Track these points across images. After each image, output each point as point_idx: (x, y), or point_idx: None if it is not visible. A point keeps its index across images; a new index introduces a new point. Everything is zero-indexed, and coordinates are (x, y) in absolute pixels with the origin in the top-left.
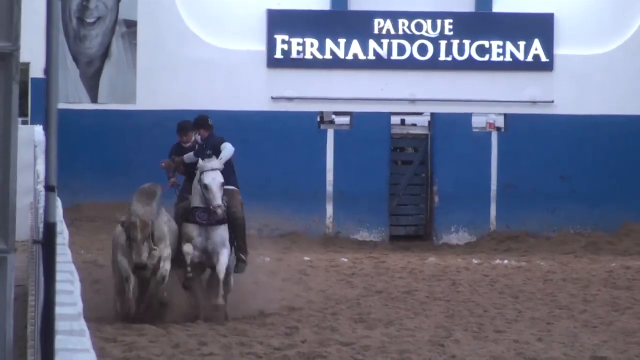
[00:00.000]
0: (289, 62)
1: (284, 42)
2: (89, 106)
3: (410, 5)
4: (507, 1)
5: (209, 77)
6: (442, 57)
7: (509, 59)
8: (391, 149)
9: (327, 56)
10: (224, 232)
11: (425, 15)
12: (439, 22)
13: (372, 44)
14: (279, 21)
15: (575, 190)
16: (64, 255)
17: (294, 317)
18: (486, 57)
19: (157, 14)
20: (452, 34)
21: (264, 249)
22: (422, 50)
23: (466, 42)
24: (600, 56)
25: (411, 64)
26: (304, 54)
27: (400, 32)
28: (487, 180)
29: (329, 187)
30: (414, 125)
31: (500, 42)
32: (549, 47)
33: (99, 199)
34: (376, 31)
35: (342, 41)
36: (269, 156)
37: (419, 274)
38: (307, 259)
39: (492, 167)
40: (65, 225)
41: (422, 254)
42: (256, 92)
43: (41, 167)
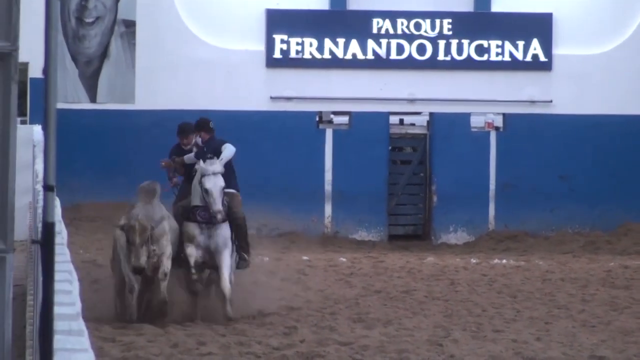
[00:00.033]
0: (287, 62)
1: (282, 42)
2: (88, 106)
3: (409, 5)
4: (506, 1)
5: (208, 77)
6: (440, 56)
7: (507, 58)
8: (390, 148)
9: (326, 56)
10: (226, 231)
11: (424, 15)
12: (438, 21)
13: (370, 44)
14: (278, 21)
15: (574, 190)
16: (63, 255)
17: (292, 316)
18: (485, 57)
19: (156, 13)
20: (450, 33)
21: (263, 248)
22: (421, 50)
23: (465, 42)
24: (599, 56)
25: (410, 64)
26: (303, 54)
27: (399, 31)
28: (485, 180)
29: (328, 186)
30: (413, 125)
31: (499, 42)
32: (547, 47)
33: (98, 198)
34: (375, 31)
35: (341, 41)
36: (267, 156)
37: (418, 273)
38: (305, 258)
39: (490, 167)
40: (64, 225)
41: (421, 254)
42: (255, 91)
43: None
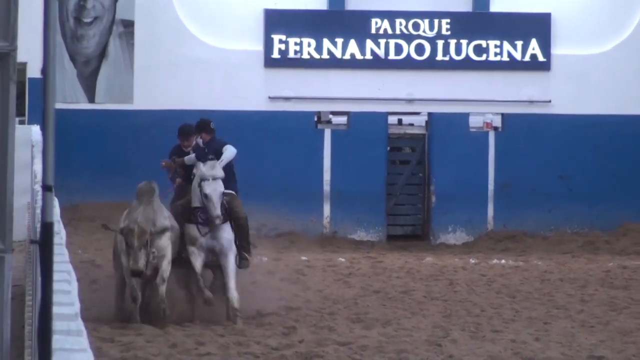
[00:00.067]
0: (286, 62)
1: (281, 41)
2: (87, 106)
3: (407, 5)
4: (505, 1)
5: (207, 77)
6: (439, 56)
7: (506, 58)
8: (388, 148)
9: (325, 56)
10: (229, 234)
11: (422, 15)
12: (436, 21)
13: (369, 44)
14: (277, 21)
15: (572, 189)
16: (62, 255)
17: (291, 317)
18: (483, 57)
19: (154, 13)
20: (449, 33)
21: (262, 248)
22: (420, 50)
23: (463, 42)
24: (597, 56)
25: (408, 64)
26: (302, 54)
27: (397, 31)
28: (484, 180)
29: (327, 186)
30: (412, 125)
31: (497, 42)
32: (546, 47)
33: (97, 198)
34: (373, 31)
35: (340, 41)
36: (266, 156)
37: (417, 273)
38: (304, 258)
39: (489, 167)
40: (62, 225)
41: (420, 254)
42: (253, 91)
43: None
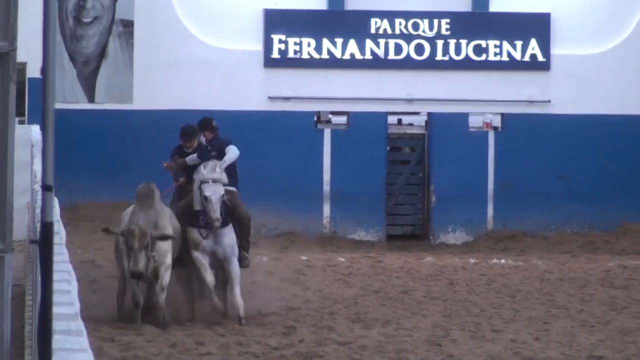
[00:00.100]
0: (286, 62)
1: (281, 41)
2: (86, 106)
3: (407, 4)
4: (504, 1)
5: (206, 77)
6: (439, 56)
7: (505, 58)
8: (388, 148)
9: (324, 56)
10: (232, 237)
11: (422, 15)
12: (436, 21)
13: (369, 44)
14: (276, 21)
15: (572, 189)
16: (61, 255)
17: (291, 316)
18: (483, 57)
19: (153, 13)
20: (449, 33)
21: (262, 248)
22: (419, 50)
23: (463, 42)
24: (597, 56)
25: (408, 64)
26: (301, 54)
27: (397, 31)
28: (484, 179)
29: (326, 186)
30: (411, 125)
31: (497, 42)
32: (545, 47)
33: (97, 198)
34: (373, 31)
35: (339, 41)
36: (266, 156)
37: (416, 273)
38: (304, 258)
39: (489, 167)
40: (62, 225)
41: (420, 254)
42: (253, 91)
43: (38, 167)
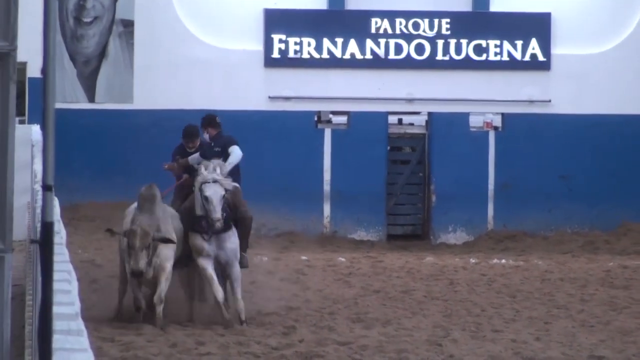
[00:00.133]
0: (286, 62)
1: (281, 41)
2: (86, 106)
3: (407, 4)
4: (505, 1)
5: (206, 77)
6: (439, 56)
7: (506, 58)
8: (388, 148)
9: (325, 56)
10: (235, 242)
11: (422, 14)
12: (436, 21)
13: (369, 44)
14: (276, 21)
15: (572, 189)
16: (62, 254)
17: (291, 316)
18: (483, 57)
19: (153, 13)
20: (449, 33)
21: (262, 248)
22: (420, 49)
23: (463, 42)
24: (597, 55)
25: (408, 64)
26: (302, 54)
27: (397, 31)
28: (484, 179)
29: (327, 186)
30: (412, 124)
31: (497, 42)
32: (546, 47)
33: (97, 198)
34: (373, 31)
35: (340, 41)
36: (266, 156)
37: (417, 273)
38: (304, 258)
39: (489, 167)
40: (62, 224)
41: (420, 254)
42: (253, 91)
43: (39, 167)
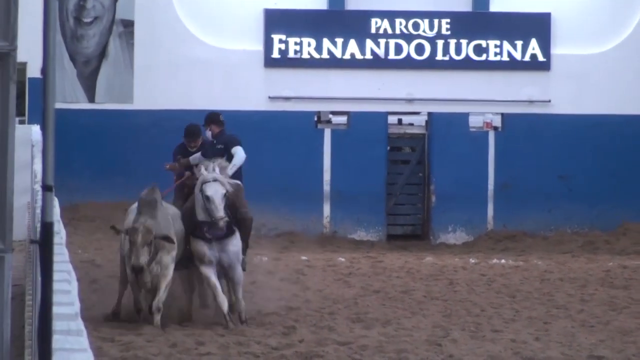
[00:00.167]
0: (286, 62)
1: (281, 41)
2: (87, 106)
3: (407, 4)
4: (504, 1)
5: (206, 77)
6: (439, 56)
7: (506, 58)
8: (388, 148)
9: (325, 56)
10: (237, 244)
11: (422, 14)
12: (436, 21)
13: (369, 44)
14: (276, 21)
15: (572, 189)
16: (62, 254)
17: (291, 316)
18: (483, 57)
19: (154, 13)
20: (449, 33)
21: (262, 248)
22: (420, 49)
23: (463, 42)
24: (597, 56)
25: (408, 64)
26: (301, 54)
27: (397, 31)
28: (484, 179)
29: (326, 186)
30: (411, 124)
31: (497, 42)
32: (546, 47)
33: (97, 198)
34: (373, 31)
35: (340, 41)
36: (266, 156)
37: (417, 273)
38: (304, 258)
39: (489, 167)
40: (62, 225)
41: (420, 254)
42: (253, 91)
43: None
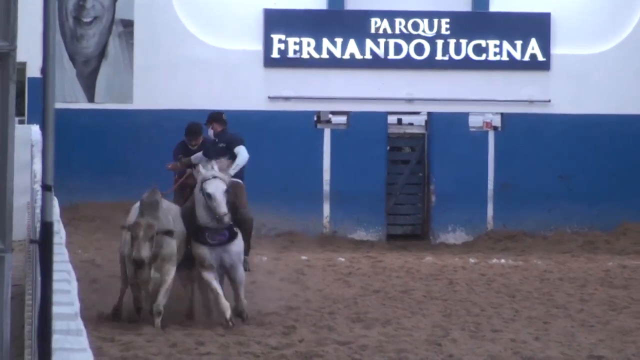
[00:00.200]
0: (286, 62)
1: (280, 41)
2: (86, 106)
3: (407, 4)
4: (504, 1)
5: (206, 77)
6: (439, 56)
7: (505, 58)
8: (388, 148)
9: (324, 56)
10: (239, 246)
11: (422, 14)
12: (436, 21)
13: (369, 44)
14: (276, 21)
15: (572, 189)
16: (61, 254)
17: (291, 316)
18: (483, 57)
19: (153, 13)
20: (449, 33)
21: (262, 248)
22: (419, 49)
23: (463, 42)
24: (597, 55)
25: (408, 64)
26: (301, 54)
27: (397, 31)
28: (484, 179)
29: (326, 186)
30: (411, 124)
31: (497, 42)
32: (545, 47)
33: (96, 198)
34: (373, 31)
35: (339, 41)
36: (266, 156)
37: (416, 273)
38: (304, 258)
39: (489, 167)
40: (62, 224)
41: (419, 253)
42: (253, 91)
43: (38, 167)
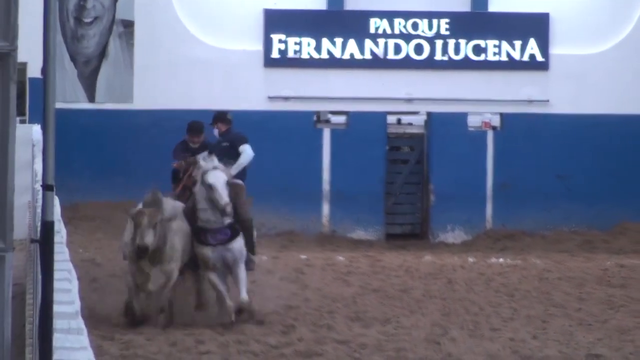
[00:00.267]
0: (285, 62)
1: (280, 41)
2: (87, 106)
3: (406, 4)
4: (503, 1)
5: (206, 77)
6: (438, 56)
7: (504, 58)
8: (387, 148)
9: (324, 56)
10: (240, 244)
11: (421, 14)
12: (435, 21)
13: (368, 44)
14: (276, 21)
15: (571, 189)
16: (62, 253)
17: (290, 315)
18: (482, 57)
19: (154, 13)
20: (448, 33)
21: (261, 247)
22: (419, 49)
23: (462, 42)
24: (595, 56)
25: (407, 64)
26: (301, 54)
27: (396, 31)
28: (483, 179)
29: (326, 186)
30: (410, 124)
31: (496, 42)
32: (544, 47)
33: (97, 198)
34: (372, 31)
35: (339, 41)
36: (265, 155)
37: (415, 272)
38: (303, 257)
39: (488, 166)
40: (63, 224)
41: (418, 253)
42: (253, 91)
43: (39, 166)
